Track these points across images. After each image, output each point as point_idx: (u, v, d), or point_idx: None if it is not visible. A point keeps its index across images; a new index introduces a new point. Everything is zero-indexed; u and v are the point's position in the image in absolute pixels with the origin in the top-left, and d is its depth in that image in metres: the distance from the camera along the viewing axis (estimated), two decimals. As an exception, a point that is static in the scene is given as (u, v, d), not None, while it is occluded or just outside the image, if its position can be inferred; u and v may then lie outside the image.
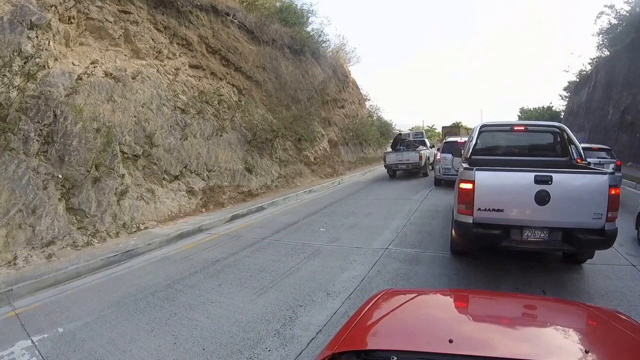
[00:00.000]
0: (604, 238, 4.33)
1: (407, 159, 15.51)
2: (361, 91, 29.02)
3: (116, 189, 7.79)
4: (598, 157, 9.81)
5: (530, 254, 5.52)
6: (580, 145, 6.21)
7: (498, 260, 5.41)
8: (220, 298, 4.46)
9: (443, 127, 43.64)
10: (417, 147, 16.49)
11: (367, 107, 29.77)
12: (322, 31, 22.82)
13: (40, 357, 3.38)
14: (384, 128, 29.55)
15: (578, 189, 4.37)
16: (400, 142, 17.29)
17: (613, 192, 4.29)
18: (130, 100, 8.96)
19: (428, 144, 19.01)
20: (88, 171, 7.33)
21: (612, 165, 9.30)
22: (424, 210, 9.24)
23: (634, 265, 5.27)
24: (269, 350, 3.36)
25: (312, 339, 3.52)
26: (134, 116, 8.90)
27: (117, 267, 5.92)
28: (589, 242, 4.40)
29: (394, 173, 16.18)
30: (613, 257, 5.58)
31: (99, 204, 7.37)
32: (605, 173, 4.45)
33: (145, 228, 7.74)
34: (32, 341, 3.64)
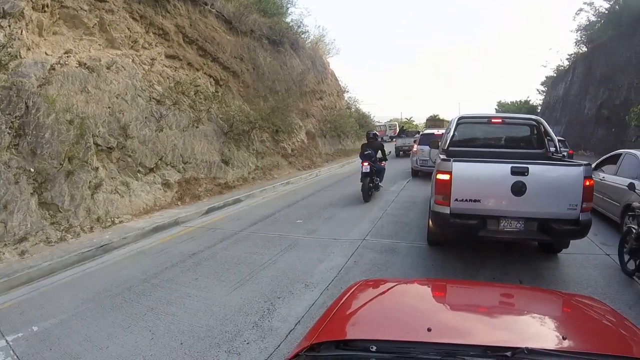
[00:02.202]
0: (579, 228, 4.48)
1: (409, 143, 19.76)
2: (340, 83, 29.12)
3: (90, 182, 7.73)
4: None
5: (507, 244, 5.74)
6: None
7: (475, 250, 5.57)
8: (197, 292, 4.51)
9: (427, 119, 44.60)
10: (414, 135, 19.86)
11: (345, 98, 29.91)
12: (301, 22, 22.77)
13: (15, 357, 3.35)
14: (363, 120, 29.79)
15: (554, 181, 4.49)
16: (402, 131, 22.93)
17: (588, 183, 4.42)
18: (104, 91, 8.84)
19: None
20: (61, 164, 7.25)
21: (565, 154, 9.69)
22: (401, 202, 9.48)
23: (608, 255, 5.50)
24: (248, 343, 3.40)
25: (290, 331, 3.59)
26: (108, 107, 8.80)
27: (92, 262, 5.91)
28: (565, 232, 4.55)
29: (403, 153, 21.49)
30: (588, 247, 5.81)
31: (73, 198, 7.31)
32: (580, 165, 4.57)
33: (120, 222, 7.73)
34: (6, 341, 3.61)
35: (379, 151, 10.17)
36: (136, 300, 4.36)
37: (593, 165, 5.91)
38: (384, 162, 10.41)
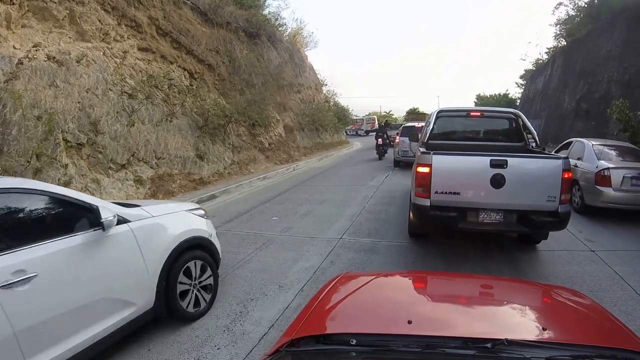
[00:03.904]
0: (558, 220, 4.56)
1: (391, 135, 20.49)
2: (318, 76, 29.08)
3: (59, 180, 7.59)
4: None
5: (486, 240, 5.80)
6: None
7: (456, 247, 5.62)
8: None
9: (408, 113, 45.37)
10: (398, 128, 20.27)
11: (324, 92, 29.91)
12: (279, 15, 22.59)
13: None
14: (341, 113, 29.86)
15: (532, 173, 4.56)
16: (386, 125, 23.63)
17: (566, 175, 4.49)
18: (74, 86, 8.66)
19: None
20: (28, 162, 7.12)
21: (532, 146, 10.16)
22: (380, 197, 9.39)
23: (593, 251, 5.51)
24: (218, 349, 3.28)
25: (264, 335, 3.48)
26: (78, 102, 8.63)
27: None
28: (543, 223, 4.65)
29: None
30: (573, 243, 5.83)
31: (41, 195, 7.18)
32: (559, 158, 4.66)
33: (91, 220, 7.63)
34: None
35: (385, 133, 18.67)
36: None
37: (552, 152, 6.63)
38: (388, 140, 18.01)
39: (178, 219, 3.88)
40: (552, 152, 6.75)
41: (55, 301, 2.63)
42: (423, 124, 12.11)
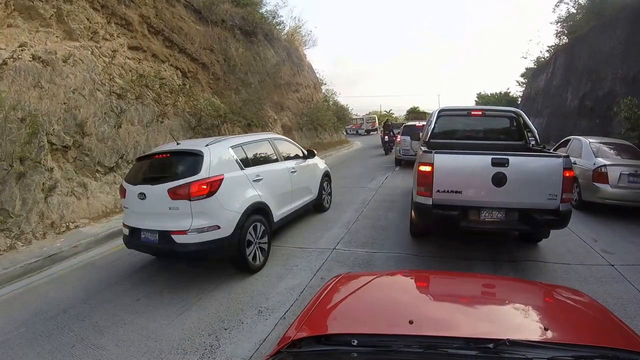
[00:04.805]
0: (559, 218, 4.54)
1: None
2: (317, 75, 28.75)
3: (43, 184, 7.34)
4: None
5: (497, 253, 5.58)
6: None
7: (458, 259, 5.34)
8: (135, 318, 4.03)
9: (409, 112, 45.84)
10: (399, 128, 20.85)
11: (323, 91, 29.58)
12: (276, 13, 22.26)
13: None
14: (341, 112, 29.53)
15: (533, 171, 4.55)
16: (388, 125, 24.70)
17: (567, 174, 4.48)
18: (59, 86, 8.38)
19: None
20: (11, 166, 6.85)
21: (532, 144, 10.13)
22: (379, 201, 8.97)
23: (612, 265, 5.01)
24: None
25: None
26: (64, 103, 8.35)
27: (39, 274, 5.52)
28: (545, 221, 4.63)
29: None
30: (589, 256, 5.33)
31: (24, 202, 6.92)
32: (560, 156, 4.64)
33: (76, 227, 7.38)
34: None
35: (392, 131, 20.41)
36: (68, 327, 3.93)
37: (551, 150, 6.61)
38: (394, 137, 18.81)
39: (322, 163, 8.41)
40: (551, 150, 6.81)
41: (300, 181, 6.81)
42: (424, 123, 12.28)
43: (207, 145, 4.96)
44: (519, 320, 1.75)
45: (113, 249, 6.50)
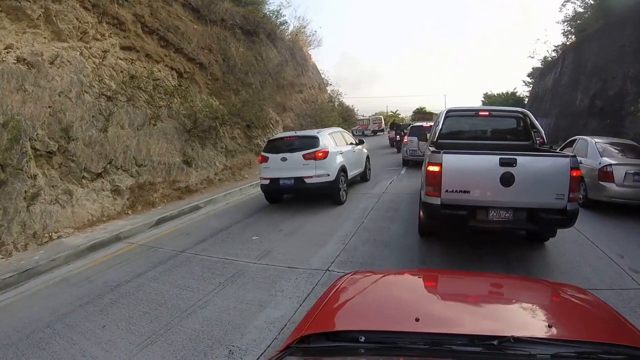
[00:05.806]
0: (566, 217, 4.57)
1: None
2: (322, 75, 28.29)
3: (26, 192, 6.98)
4: None
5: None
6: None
7: (466, 269, 4.85)
8: (96, 349, 3.56)
9: (415, 112, 45.94)
10: (407, 128, 21.36)
11: (328, 91, 29.08)
12: (279, 12, 21.85)
13: None
14: (346, 113, 29.08)
15: (541, 171, 4.58)
16: (395, 126, 25.95)
17: (574, 174, 4.49)
18: (44, 89, 8.02)
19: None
20: (-11, 173, 6.50)
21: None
22: (382, 210, 8.16)
23: None
24: None
25: None
26: (49, 107, 7.99)
27: (13, 290, 5.14)
28: (552, 221, 4.68)
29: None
30: (617, 277, 4.62)
31: (5, 211, 6.56)
32: (567, 156, 4.67)
33: (59, 237, 7.00)
34: None
35: (402, 131, 20.33)
36: (26, 357, 3.54)
37: (557, 150, 6.81)
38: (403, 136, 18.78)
39: (365, 149, 11.81)
40: (557, 150, 6.95)
41: (357, 158, 10.77)
42: (431, 123, 12.71)
43: (318, 132, 9.03)
44: (524, 318, 1.76)
45: (93, 263, 6.08)
